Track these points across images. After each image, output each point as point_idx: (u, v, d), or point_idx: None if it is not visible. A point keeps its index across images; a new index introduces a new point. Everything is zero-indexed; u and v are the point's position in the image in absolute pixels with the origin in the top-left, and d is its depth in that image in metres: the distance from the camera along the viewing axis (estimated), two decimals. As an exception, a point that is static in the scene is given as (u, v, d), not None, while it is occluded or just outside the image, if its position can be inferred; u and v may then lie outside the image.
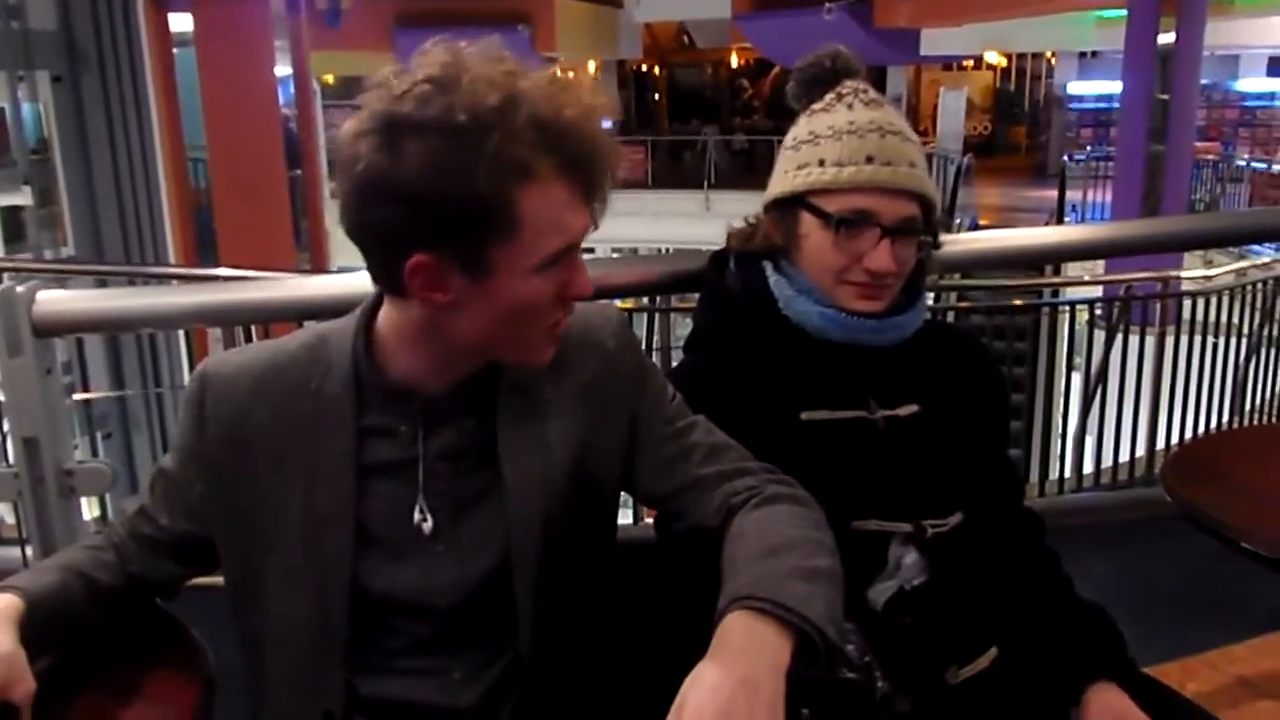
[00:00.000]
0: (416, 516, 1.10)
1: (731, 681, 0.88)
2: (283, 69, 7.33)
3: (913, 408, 1.29)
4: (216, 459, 1.10)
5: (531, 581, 1.11)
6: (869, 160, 1.24)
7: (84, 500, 1.63)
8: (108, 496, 3.26)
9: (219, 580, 1.14)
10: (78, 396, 3.75)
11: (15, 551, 1.64)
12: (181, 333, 4.07)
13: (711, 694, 0.87)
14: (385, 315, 1.09)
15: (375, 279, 1.05)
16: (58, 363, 1.54)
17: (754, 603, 0.94)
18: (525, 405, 1.12)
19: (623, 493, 1.22)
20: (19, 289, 1.48)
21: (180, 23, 7.23)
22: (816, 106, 1.31)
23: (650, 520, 1.33)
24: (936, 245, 1.31)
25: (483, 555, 1.11)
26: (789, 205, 1.29)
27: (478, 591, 1.11)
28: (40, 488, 1.52)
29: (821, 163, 1.26)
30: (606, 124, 1.05)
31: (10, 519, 3.20)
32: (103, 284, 4.71)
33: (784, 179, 1.30)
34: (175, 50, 7.25)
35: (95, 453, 4.41)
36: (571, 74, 1.04)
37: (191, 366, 4.13)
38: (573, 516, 1.13)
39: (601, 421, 1.15)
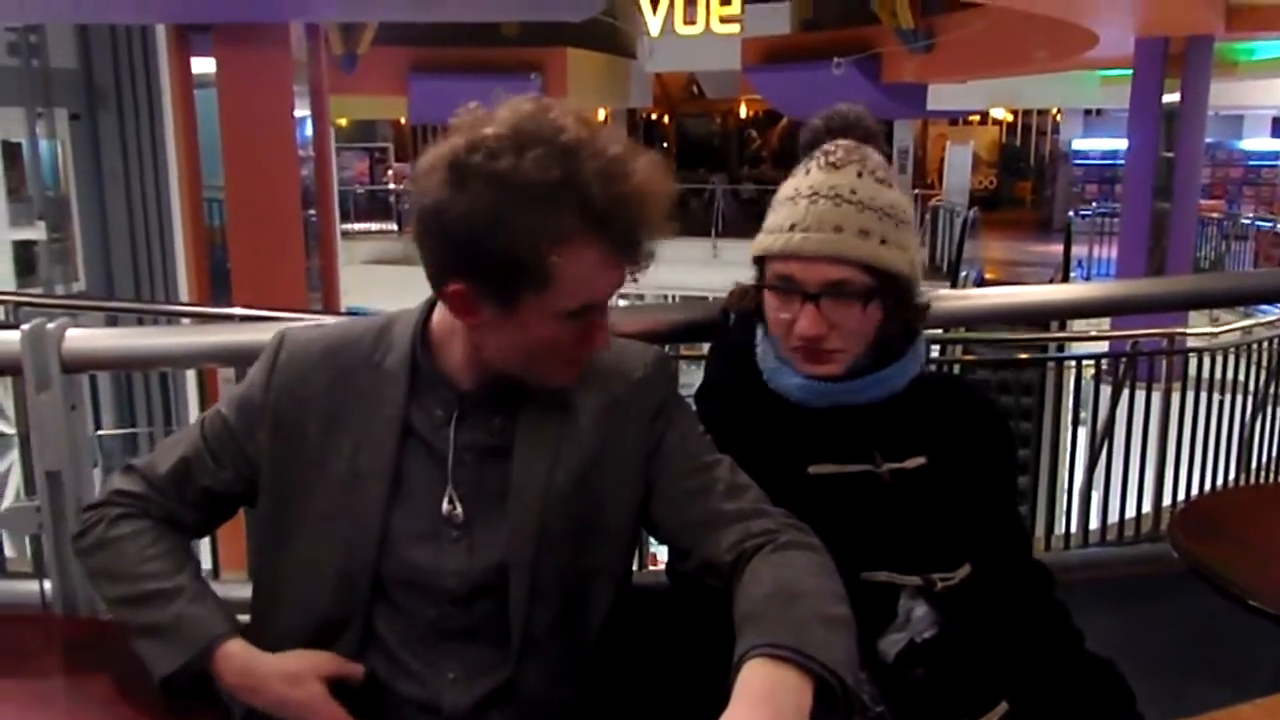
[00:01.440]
0: (446, 505, 1.17)
1: None
2: (300, 111, 7.43)
3: (920, 460, 1.30)
4: (276, 410, 1.20)
5: (526, 582, 1.15)
6: (792, 227, 1.26)
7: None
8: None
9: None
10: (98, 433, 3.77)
11: (34, 585, 1.64)
12: (192, 374, 4.10)
13: None
14: (439, 314, 1.20)
15: (431, 284, 1.15)
16: (84, 399, 1.57)
17: (775, 650, 0.96)
18: (548, 411, 1.19)
19: None
20: (49, 326, 1.51)
21: (200, 65, 7.34)
22: (797, 169, 1.34)
23: (653, 567, 1.34)
24: (907, 305, 1.30)
25: (492, 549, 1.16)
26: (760, 267, 1.33)
27: (482, 583, 1.16)
28: (62, 522, 1.54)
29: (766, 229, 1.30)
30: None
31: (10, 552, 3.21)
32: (113, 321, 4.75)
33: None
34: (195, 91, 7.35)
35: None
36: (639, 152, 1.09)
37: (201, 404, 4.15)
38: (574, 528, 1.17)
39: (617, 442, 1.20)
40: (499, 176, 1.03)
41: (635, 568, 2.43)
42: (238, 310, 4.00)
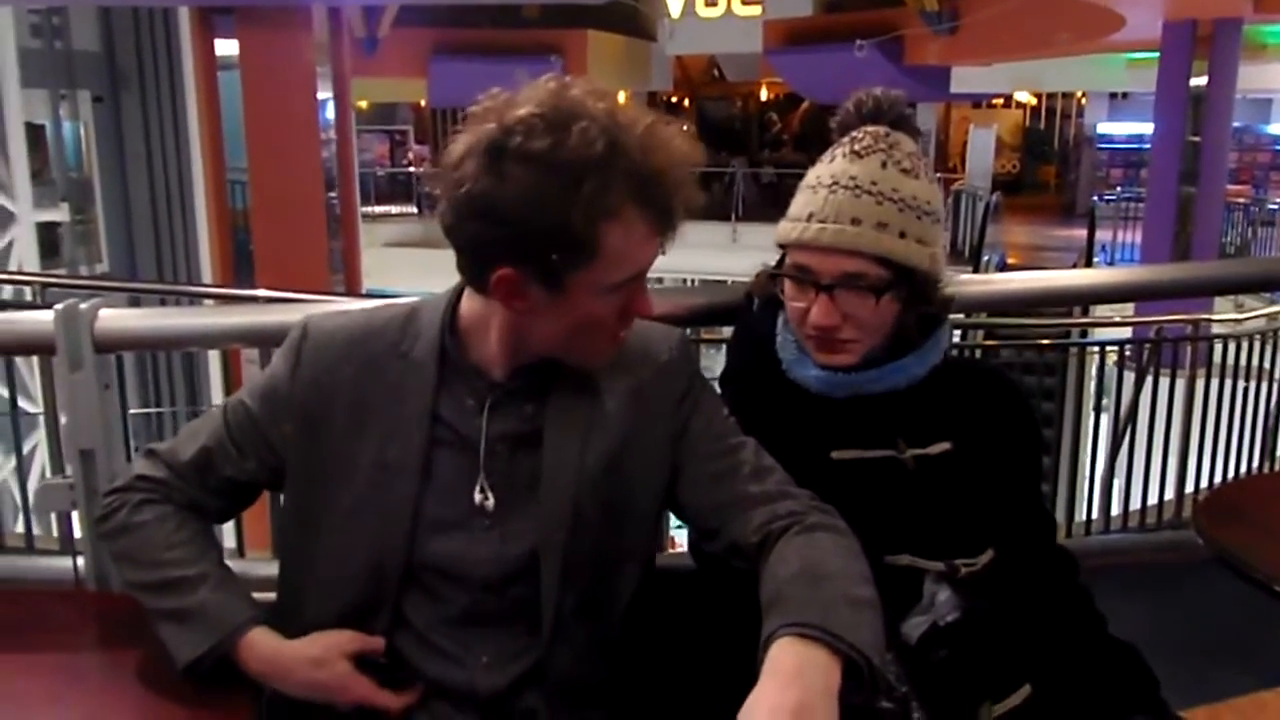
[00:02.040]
0: (478, 495, 1.17)
1: (787, 705, 0.91)
2: (322, 94, 7.45)
3: (944, 446, 1.30)
4: (302, 400, 1.19)
5: (557, 567, 1.16)
6: (810, 217, 1.26)
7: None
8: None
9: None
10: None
11: (64, 562, 1.67)
12: (215, 354, 4.13)
13: (768, 719, 0.89)
14: (468, 304, 1.19)
15: (463, 274, 1.15)
16: (114, 378, 1.59)
17: (804, 629, 0.97)
18: (577, 397, 1.20)
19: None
20: (82, 306, 1.53)
21: (224, 47, 7.37)
22: (825, 155, 1.33)
23: (675, 549, 1.35)
24: (926, 298, 1.29)
25: (524, 536, 1.17)
26: (782, 254, 1.33)
27: (515, 571, 1.16)
28: (95, 499, 1.56)
29: (789, 216, 1.30)
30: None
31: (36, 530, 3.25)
32: (136, 302, 4.78)
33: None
34: (218, 74, 7.38)
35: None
36: (668, 122, 1.10)
37: (225, 385, 4.18)
38: (604, 513, 1.18)
39: (644, 426, 1.21)
40: (542, 156, 1.03)
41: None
42: (261, 292, 4.01)
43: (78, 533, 1.63)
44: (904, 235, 1.25)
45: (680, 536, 1.34)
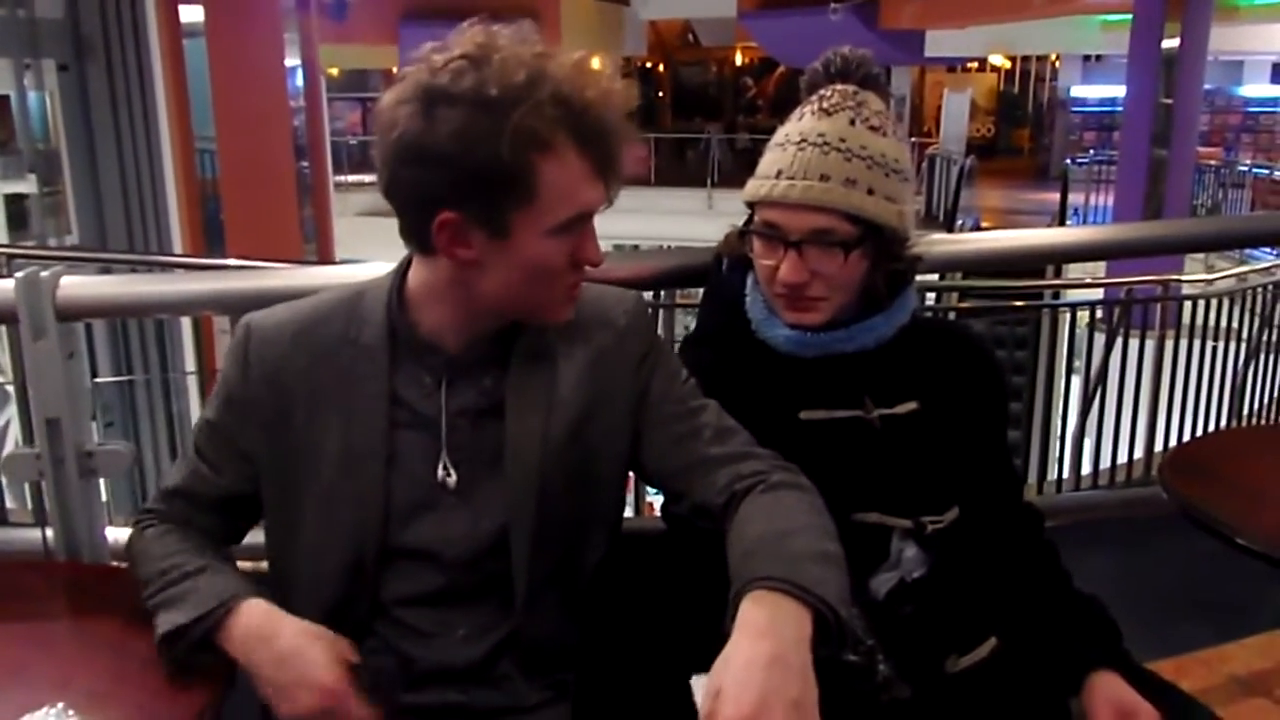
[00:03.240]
0: (440, 471, 1.16)
1: (762, 656, 0.92)
2: (290, 61, 7.35)
3: (911, 405, 1.31)
4: (259, 400, 1.18)
5: (527, 539, 1.16)
6: (778, 174, 1.26)
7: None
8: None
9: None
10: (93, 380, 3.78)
11: (36, 533, 1.66)
12: (188, 323, 4.10)
13: (745, 672, 0.91)
14: (415, 274, 1.17)
15: (406, 237, 1.13)
16: (81, 346, 1.57)
17: (772, 583, 0.98)
18: (536, 367, 1.18)
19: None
20: (43, 274, 1.51)
21: (189, 14, 7.25)
22: (793, 114, 1.33)
23: (654, 515, 1.35)
24: (894, 255, 1.29)
25: (494, 511, 1.16)
26: (751, 213, 1.33)
27: (487, 546, 1.16)
28: (61, 468, 1.55)
29: (758, 174, 1.30)
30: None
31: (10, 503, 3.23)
32: (106, 272, 4.73)
33: None
34: (184, 41, 7.26)
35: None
36: (595, 60, 1.10)
37: (198, 354, 4.15)
38: (570, 481, 1.18)
39: (606, 392, 1.20)
40: (469, 93, 1.02)
41: (631, 514, 2.46)
42: (232, 261, 3.98)
43: (47, 505, 1.61)
44: (872, 192, 1.25)
45: (659, 502, 1.34)
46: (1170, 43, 9.93)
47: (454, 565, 1.16)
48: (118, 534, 1.32)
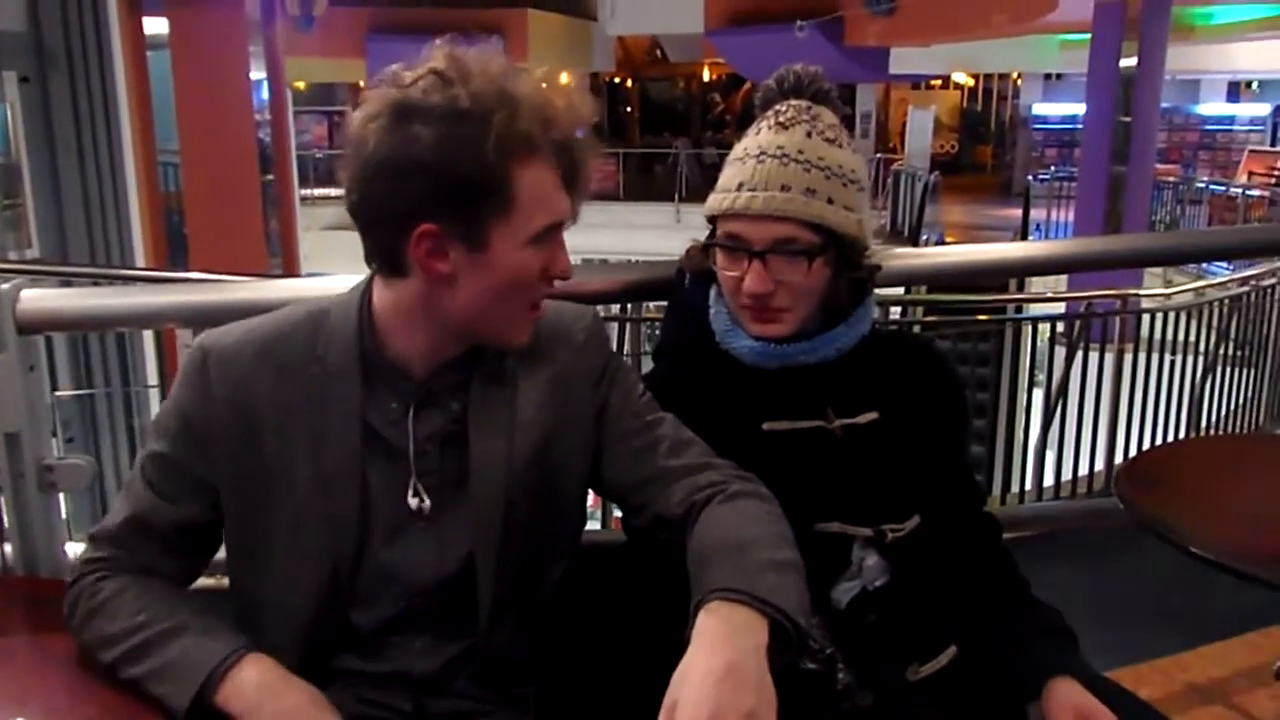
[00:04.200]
0: (412, 500, 1.15)
1: (718, 668, 0.92)
2: (256, 74, 7.32)
3: (872, 415, 1.33)
4: (221, 425, 1.13)
5: (493, 563, 1.15)
6: (739, 186, 1.28)
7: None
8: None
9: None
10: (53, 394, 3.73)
11: (-7, 549, 1.64)
12: (150, 336, 4.05)
13: (700, 684, 0.92)
14: (381, 296, 1.14)
15: (374, 257, 1.12)
16: (41, 360, 1.56)
17: (730, 594, 0.99)
18: (497, 390, 1.17)
19: (590, 499, 1.26)
20: (3, 287, 1.49)
21: (154, 26, 7.20)
22: (749, 129, 1.36)
23: (617, 527, 1.36)
24: (854, 264, 1.32)
25: (459, 537, 1.16)
26: (713, 226, 1.35)
27: (453, 571, 1.16)
28: (21, 483, 1.53)
29: (718, 189, 1.32)
30: (580, 132, 1.13)
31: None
32: (67, 285, 4.67)
33: None
34: (148, 53, 7.21)
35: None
36: (562, 76, 1.13)
37: (160, 368, 4.10)
38: (535, 502, 1.17)
39: (568, 411, 1.20)
40: (445, 107, 1.03)
41: (598, 527, 2.46)
42: (195, 275, 3.94)
43: (5, 520, 1.59)
44: (831, 201, 1.28)
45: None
46: (1128, 62, 10.12)
47: (419, 590, 1.16)
48: (77, 549, 1.31)
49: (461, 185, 1.04)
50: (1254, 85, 20.58)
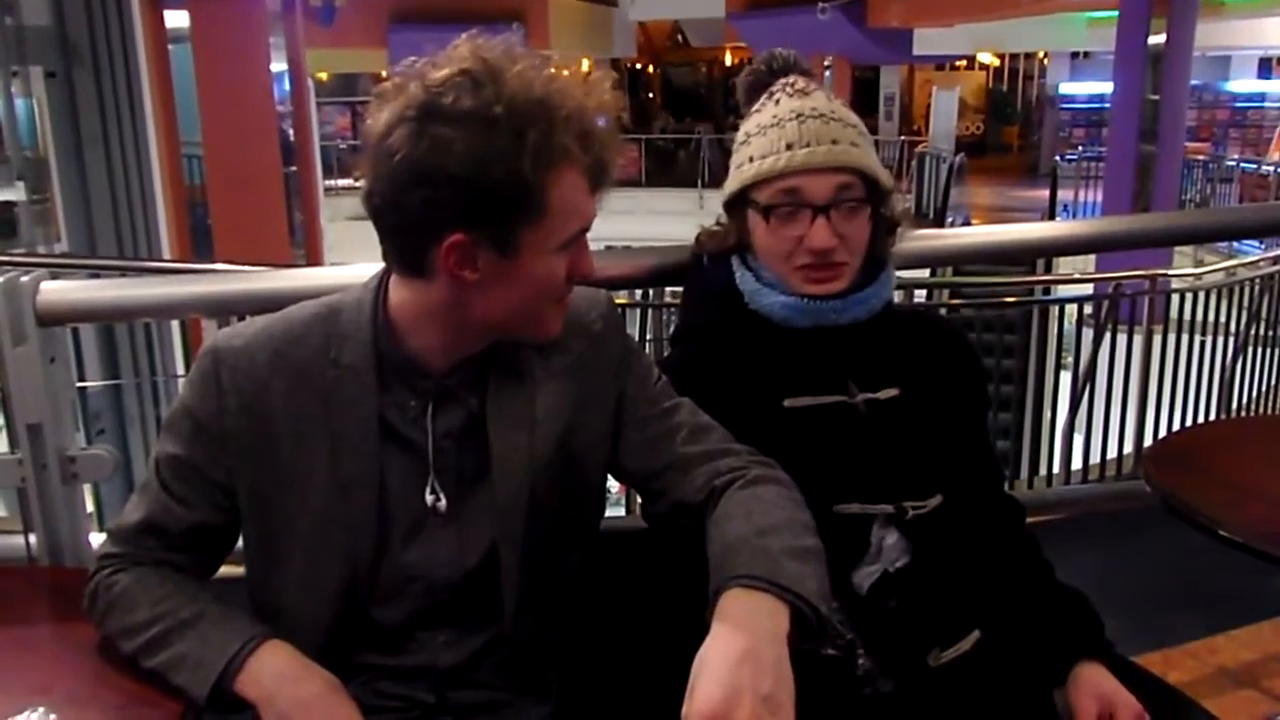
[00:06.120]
0: (429, 496, 1.14)
1: (736, 655, 0.92)
2: (277, 66, 7.35)
3: (893, 391, 1.32)
4: (236, 430, 1.11)
5: (517, 555, 1.15)
6: (788, 147, 1.30)
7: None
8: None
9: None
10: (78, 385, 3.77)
11: (19, 540, 1.65)
12: (176, 326, 4.09)
13: (719, 671, 0.91)
14: (398, 295, 1.12)
15: (396, 259, 1.09)
16: (64, 351, 1.57)
17: (749, 581, 0.98)
18: (515, 383, 1.16)
19: (613, 486, 1.25)
20: (23, 279, 1.50)
21: (175, 19, 7.24)
22: (753, 109, 1.39)
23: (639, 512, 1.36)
24: (892, 218, 1.36)
25: (482, 532, 1.15)
26: (736, 204, 1.37)
27: (476, 566, 1.15)
28: (44, 474, 1.54)
29: (751, 159, 1.33)
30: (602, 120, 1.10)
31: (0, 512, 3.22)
32: (96, 278, 4.71)
33: (729, 181, 1.38)
34: (170, 47, 7.26)
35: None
36: (590, 73, 1.09)
37: (186, 359, 4.14)
38: (558, 493, 1.17)
39: (587, 400, 1.19)
40: (477, 111, 0.99)
41: (623, 513, 2.46)
42: (220, 266, 3.97)
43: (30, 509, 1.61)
44: (867, 153, 1.33)
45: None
46: (1156, 39, 9.97)
47: (441, 585, 1.15)
48: (101, 538, 1.32)
49: (495, 197, 1.01)
50: (1286, 61, 20.25)
